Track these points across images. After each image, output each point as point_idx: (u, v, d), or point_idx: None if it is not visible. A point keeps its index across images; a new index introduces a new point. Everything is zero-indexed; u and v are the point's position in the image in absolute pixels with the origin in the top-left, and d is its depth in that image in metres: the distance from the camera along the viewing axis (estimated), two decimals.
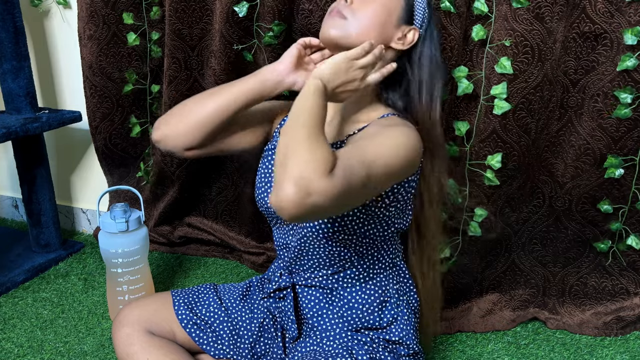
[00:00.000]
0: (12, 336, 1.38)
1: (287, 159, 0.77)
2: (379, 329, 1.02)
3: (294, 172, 0.74)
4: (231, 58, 1.45)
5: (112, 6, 1.51)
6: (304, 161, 0.75)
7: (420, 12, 1.01)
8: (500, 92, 1.21)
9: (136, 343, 1.01)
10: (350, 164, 0.79)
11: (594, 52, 1.19)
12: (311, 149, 0.76)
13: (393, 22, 0.98)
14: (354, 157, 0.81)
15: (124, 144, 1.68)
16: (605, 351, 1.34)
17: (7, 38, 1.52)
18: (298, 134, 0.79)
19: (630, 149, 1.24)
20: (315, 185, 0.74)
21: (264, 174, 1.06)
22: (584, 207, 1.32)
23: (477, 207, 1.32)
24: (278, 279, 1.08)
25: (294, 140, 0.78)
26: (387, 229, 0.99)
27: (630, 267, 1.37)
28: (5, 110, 1.62)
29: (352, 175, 0.78)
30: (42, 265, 1.66)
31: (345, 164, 0.78)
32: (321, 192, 0.74)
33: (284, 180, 0.74)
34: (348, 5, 0.97)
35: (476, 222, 1.33)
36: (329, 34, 0.97)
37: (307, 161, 0.75)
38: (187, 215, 1.77)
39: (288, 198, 0.73)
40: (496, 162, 1.26)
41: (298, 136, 0.78)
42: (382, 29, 0.97)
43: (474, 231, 1.34)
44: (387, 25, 0.97)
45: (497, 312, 1.43)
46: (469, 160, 1.29)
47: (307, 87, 0.86)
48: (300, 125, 0.80)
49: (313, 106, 0.83)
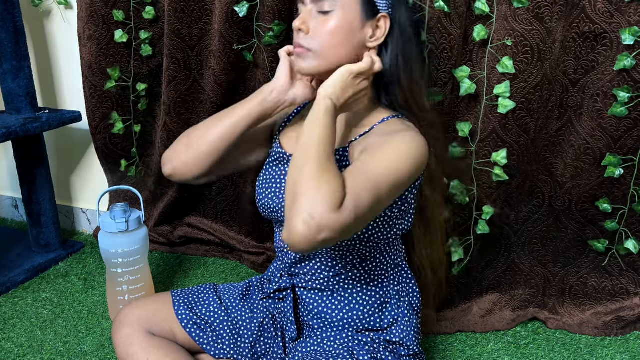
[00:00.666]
0: (12, 336, 1.38)
1: (296, 195, 0.78)
2: (379, 330, 1.02)
3: (304, 210, 0.76)
4: (231, 58, 1.45)
5: (112, 6, 1.51)
6: (313, 199, 0.77)
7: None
8: (503, 91, 1.21)
9: (136, 343, 1.01)
10: (358, 193, 0.80)
11: (593, 52, 1.19)
12: (319, 184, 0.78)
13: (357, 26, 0.93)
14: (361, 184, 0.81)
15: (124, 143, 1.68)
16: (605, 351, 1.34)
17: (7, 38, 1.52)
18: (307, 168, 0.80)
19: (630, 149, 1.24)
20: (325, 223, 0.76)
21: (266, 178, 1.06)
22: (583, 207, 1.32)
23: (485, 205, 1.33)
24: (278, 280, 1.08)
25: (303, 175, 0.80)
26: (389, 230, 0.99)
27: (630, 267, 1.37)
28: (5, 110, 1.62)
29: (361, 204, 0.80)
30: (42, 265, 1.67)
31: (355, 193, 0.80)
32: (331, 228, 0.77)
33: (293, 217, 0.77)
34: (307, 36, 0.94)
35: (484, 220, 1.33)
36: (304, 70, 0.96)
37: (316, 198, 0.77)
38: (187, 215, 1.77)
39: (299, 236, 0.76)
40: (502, 159, 1.26)
41: (307, 171, 0.80)
42: (350, 40, 0.93)
43: (483, 229, 1.34)
44: (353, 34, 0.93)
45: (497, 312, 1.43)
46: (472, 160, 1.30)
47: (318, 108, 0.86)
48: (310, 157, 0.81)
49: (323, 130, 0.84)
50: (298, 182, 0.80)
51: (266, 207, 1.04)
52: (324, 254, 1.00)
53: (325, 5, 0.92)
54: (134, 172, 1.71)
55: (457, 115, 1.29)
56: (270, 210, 1.03)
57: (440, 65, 1.22)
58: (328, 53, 0.93)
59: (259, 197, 1.06)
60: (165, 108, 1.56)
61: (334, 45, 0.93)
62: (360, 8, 0.93)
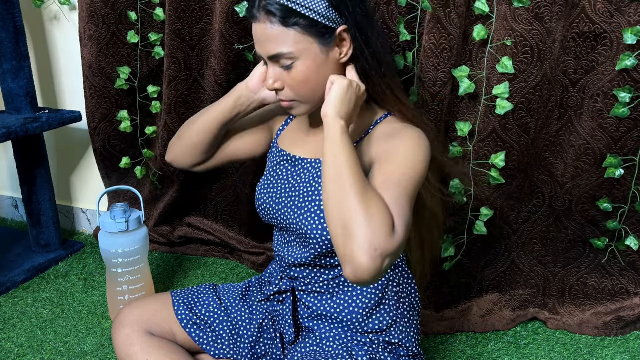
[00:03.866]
0: (12, 336, 1.38)
1: (349, 230, 0.78)
2: (378, 332, 1.01)
3: (364, 244, 0.77)
4: (231, 58, 1.45)
5: (111, 6, 1.51)
6: (370, 229, 0.77)
7: (324, 16, 0.89)
8: (502, 92, 1.21)
9: (136, 344, 1.01)
10: (401, 209, 0.82)
11: (593, 52, 1.19)
12: (369, 212, 0.79)
13: (323, 60, 0.91)
14: (399, 200, 0.83)
15: (123, 145, 1.68)
16: (605, 351, 1.34)
17: (7, 38, 1.52)
18: (348, 197, 0.80)
19: (630, 149, 1.24)
20: (388, 249, 0.78)
21: (266, 183, 1.06)
22: (584, 207, 1.32)
23: (483, 206, 1.32)
24: (279, 282, 1.07)
25: (350, 209, 0.80)
26: None
27: (630, 267, 1.37)
28: (5, 110, 1.62)
29: (407, 218, 0.82)
30: (42, 265, 1.67)
31: (399, 211, 0.82)
32: (393, 253, 0.78)
33: (354, 253, 0.77)
34: (284, 89, 0.94)
35: (482, 221, 1.33)
36: (299, 115, 0.97)
37: (373, 229, 0.77)
38: (187, 215, 1.77)
39: (367, 270, 0.77)
40: (500, 161, 1.26)
41: (350, 200, 0.80)
42: (324, 74, 0.91)
43: (479, 230, 1.34)
44: (323, 68, 0.91)
45: (497, 312, 1.43)
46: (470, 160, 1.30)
47: (334, 131, 0.86)
48: (349, 188, 0.81)
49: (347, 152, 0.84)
50: (347, 216, 0.79)
51: (267, 212, 1.04)
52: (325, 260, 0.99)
53: (284, 62, 0.91)
54: (140, 173, 1.71)
55: (458, 115, 1.29)
56: (270, 215, 1.03)
57: (440, 65, 1.22)
58: (310, 97, 0.94)
59: (258, 203, 1.06)
60: (165, 108, 1.56)
61: (311, 89, 0.93)
62: (316, 43, 0.89)
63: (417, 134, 0.92)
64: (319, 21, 0.88)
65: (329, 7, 0.88)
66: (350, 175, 0.82)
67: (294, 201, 0.98)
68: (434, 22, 1.19)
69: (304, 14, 0.87)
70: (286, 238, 1.04)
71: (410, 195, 0.85)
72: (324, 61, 0.91)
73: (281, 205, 1.00)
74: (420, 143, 0.91)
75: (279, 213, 1.01)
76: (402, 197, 0.84)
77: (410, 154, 0.89)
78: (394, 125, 0.96)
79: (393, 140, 0.92)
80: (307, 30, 0.88)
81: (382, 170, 0.88)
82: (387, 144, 0.92)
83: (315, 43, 0.89)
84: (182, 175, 1.64)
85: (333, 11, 0.89)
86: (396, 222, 0.80)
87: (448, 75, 1.23)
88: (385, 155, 0.90)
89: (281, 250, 1.05)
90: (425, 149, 0.91)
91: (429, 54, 1.21)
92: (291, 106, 0.96)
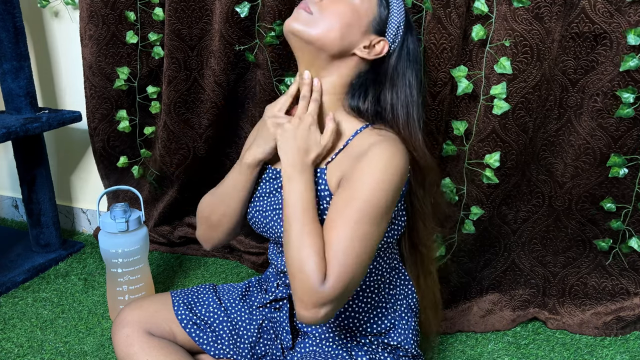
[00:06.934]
0: (12, 336, 1.38)
1: (291, 281, 0.84)
2: (377, 335, 1.01)
3: (297, 295, 0.83)
4: (231, 58, 1.45)
5: (111, 6, 1.51)
6: (299, 281, 0.82)
7: (394, 26, 0.95)
8: (499, 92, 1.21)
9: (136, 344, 1.01)
10: (342, 247, 0.83)
11: (593, 52, 1.19)
12: (301, 263, 0.83)
13: (362, 27, 0.92)
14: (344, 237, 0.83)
15: (122, 146, 1.68)
16: (605, 351, 1.34)
17: (7, 38, 1.52)
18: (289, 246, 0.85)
19: (630, 148, 1.24)
20: (318, 300, 0.81)
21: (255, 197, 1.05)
22: (584, 207, 1.32)
23: (474, 205, 1.32)
24: (275, 290, 1.07)
25: (288, 255, 0.85)
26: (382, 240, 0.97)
27: (631, 267, 1.37)
28: (5, 110, 1.63)
29: (347, 261, 0.82)
30: (42, 265, 1.67)
31: (339, 252, 0.83)
32: (328, 300, 0.81)
33: (296, 304, 0.84)
34: (317, 2, 0.92)
35: (471, 220, 1.33)
36: (291, 27, 0.92)
37: (301, 280, 0.81)
38: (187, 215, 1.77)
39: (306, 320, 0.83)
40: (494, 161, 1.26)
41: (289, 249, 0.85)
42: (348, 32, 0.91)
43: (468, 229, 1.34)
44: (354, 30, 0.92)
45: (497, 312, 1.43)
46: (468, 159, 1.29)
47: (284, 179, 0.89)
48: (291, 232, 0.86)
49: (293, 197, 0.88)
50: (288, 263, 0.85)
51: (257, 226, 1.03)
52: None
53: None
54: (138, 172, 1.71)
55: (457, 115, 1.29)
56: (260, 229, 1.03)
57: (440, 65, 1.22)
58: (324, 26, 0.91)
59: (248, 217, 1.05)
60: (165, 108, 1.56)
61: (334, 24, 0.91)
62: (373, 17, 0.94)
63: (387, 152, 0.88)
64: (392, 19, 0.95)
65: (400, 26, 0.96)
66: (294, 220, 0.86)
67: (279, 214, 0.98)
68: (435, 22, 1.19)
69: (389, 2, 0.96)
70: (279, 247, 1.04)
71: (368, 223, 0.84)
72: (362, 29, 0.93)
73: (268, 219, 1.00)
74: (388, 166, 0.87)
75: (267, 227, 1.00)
76: (354, 230, 0.83)
77: (377, 176, 0.86)
78: (368, 139, 0.92)
79: (361, 160, 0.89)
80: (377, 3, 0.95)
81: (344, 194, 0.87)
82: (356, 163, 0.89)
83: (373, 15, 0.94)
84: (182, 175, 1.64)
85: (397, 30, 0.96)
86: (329, 270, 0.80)
87: (448, 75, 1.23)
88: (351, 177, 0.88)
89: (275, 259, 1.05)
90: (395, 172, 0.87)
91: (429, 53, 1.21)
92: (303, 15, 0.92)
